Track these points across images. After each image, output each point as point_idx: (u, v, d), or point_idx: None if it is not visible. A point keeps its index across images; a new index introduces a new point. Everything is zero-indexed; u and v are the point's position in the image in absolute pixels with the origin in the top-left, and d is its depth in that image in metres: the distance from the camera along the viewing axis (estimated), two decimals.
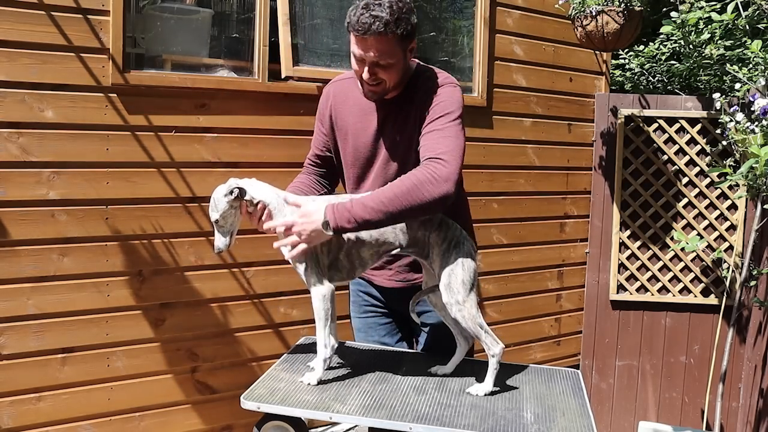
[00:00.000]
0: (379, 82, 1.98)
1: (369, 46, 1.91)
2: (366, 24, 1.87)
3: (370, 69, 1.95)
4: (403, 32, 1.92)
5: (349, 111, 2.13)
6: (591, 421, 1.81)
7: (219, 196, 1.90)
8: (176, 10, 2.95)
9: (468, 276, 1.90)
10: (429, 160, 1.86)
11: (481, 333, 1.90)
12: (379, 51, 1.91)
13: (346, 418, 1.76)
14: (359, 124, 2.11)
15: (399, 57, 1.95)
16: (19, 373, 2.53)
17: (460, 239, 1.93)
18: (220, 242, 1.94)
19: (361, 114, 2.11)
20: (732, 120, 3.19)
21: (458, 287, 1.88)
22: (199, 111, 2.82)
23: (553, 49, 3.86)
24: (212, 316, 2.90)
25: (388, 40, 1.89)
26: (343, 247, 1.92)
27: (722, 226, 3.90)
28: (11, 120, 2.46)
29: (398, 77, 2.00)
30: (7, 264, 2.49)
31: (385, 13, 1.87)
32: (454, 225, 1.95)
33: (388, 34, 1.88)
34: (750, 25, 3.59)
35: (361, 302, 2.33)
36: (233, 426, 2.98)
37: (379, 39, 1.89)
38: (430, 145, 1.91)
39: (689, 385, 3.99)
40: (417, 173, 1.84)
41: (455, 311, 1.89)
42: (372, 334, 2.34)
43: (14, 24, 2.44)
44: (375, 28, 1.87)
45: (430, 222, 1.93)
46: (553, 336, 4.01)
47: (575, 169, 4.00)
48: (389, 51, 1.91)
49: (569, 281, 4.04)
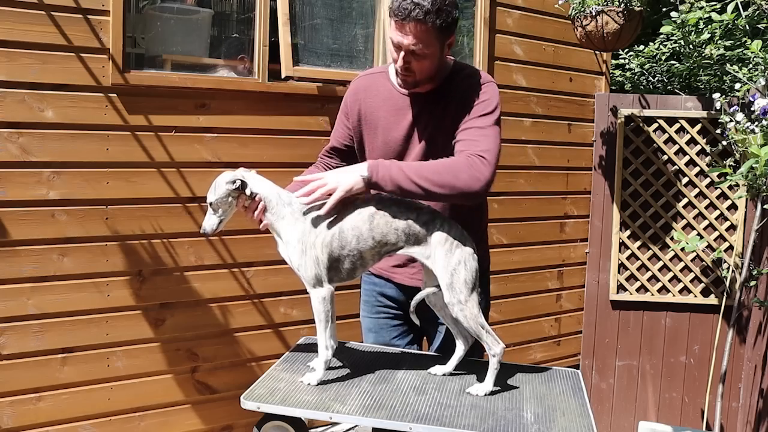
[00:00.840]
0: (410, 72, 1.98)
1: (407, 32, 1.91)
2: (406, 10, 1.88)
3: (405, 56, 1.95)
4: (443, 24, 1.92)
5: (379, 105, 2.12)
6: (591, 421, 1.81)
7: (221, 182, 1.92)
8: (176, 10, 2.95)
9: (470, 276, 1.90)
10: (471, 155, 1.89)
11: (483, 333, 1.90)
12: (416, 38, 1.91)
13: (346, 418, 1.76)
14: (391, 118, 2.10)
15: (435, 48, 1.95)
16: (19, 373, 2.53)
17: (462, 239, 1.93)
18: (208, 225, 1.95)
19: (394, 108, 2.10)
20: (732, 120, 3.19)
21: (460, 287, 1.88)
22: (199, 111, 2.82)
23: (553, 49, 3.86)
24: (212, 316, 2.90)
25: (427, 29, 1.90)
26: (345, 247, 1.92)
27: (722, 226, 3.90)
28: (11, 120, 2.46)
29: (431, 70, 2.00)
30: (7, 264, 2.49)
31: (428, 1, 1.88)
32: (456, 225, 1.96)
33: (427, 22, 1.89)
34: (750, 25, 3.59)
35: (374, 302, 2.32)
36: (233, 426, 2.98)
37: (417, 26, 1.89)
38: (470, 140, 1.94)
39: (689, 385, 3.99)
40: (459, 160, 1.88)
41: (457, 311, 1.89)
42: (383, 335, 2.33)
43: (14, 24, 2.44)
44: (414, 15, 1.87)
45: (432, 222, 1.93)
46: (553, 336, 4.01)
47: (575, 169, 4.00)
48: (426, 40, 1.92)
49: (569, 281, 4.04)
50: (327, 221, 1.92)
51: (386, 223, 1.91)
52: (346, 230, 1.91)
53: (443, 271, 1.90)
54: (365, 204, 1.93)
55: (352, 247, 1.92)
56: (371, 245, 1.92)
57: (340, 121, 2.24)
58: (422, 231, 1.93)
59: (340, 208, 1.92)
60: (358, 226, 1.91)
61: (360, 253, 1.93)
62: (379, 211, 1.92)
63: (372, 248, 1.93)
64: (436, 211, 1.95)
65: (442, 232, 1.92)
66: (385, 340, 2.33)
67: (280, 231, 1.95)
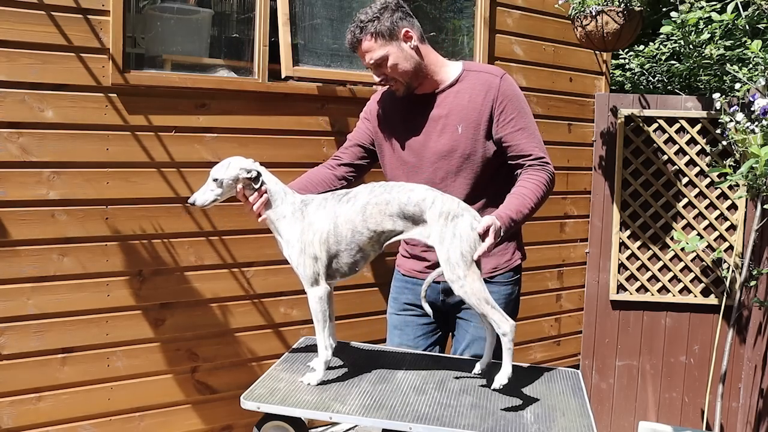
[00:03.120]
0: (391, 80, 2.13)
1: (363, 53, 2.10)
2: (351, 40, 2.11)
3: (376, 71, 2.12)
4: (381, 27, 2.08)
5: (399, 109, 2.23)
6: (591, 421, 1.81)
7: (236, 165, 1.92)
8: (176, 10, 2.96)
9: (467, 247, 1.80)
10: (539, 165, 2.12)
11: (488, 309, 1.81)
12: (369, 52, 2.09)
13: (346, 418, 1.76)
14: (401, 126, 2.22)
15: (390, 48, 2.09)
16: (19, 373, 2.53)
17: (459, 212, 1.85)
18: (201, 198, 1.93)
19: (402, 120, 2.22)
20: (732, 120, 3.19)
21: (457, 260, 1.80)
22: (199, 111, 2.82)
23: (553, 49, 3.86)
24: (212, 316, 2.90)
25: (369, 40, 2.08)
26: (341, 242, 1.91)
27: (722, 226, 3.90)
28: (11, 120, 2.46)
29: (406, 68, 2.11)
30: (7, 264, 2.49)
31: (357, 21, 2.09)
32: (451, 198, 1.89)
33: (366, 35, 2.07)
34: (750, 25, 3.59)
35: (403, 299, 2.33)
36: (233, 426, 2.98)
37: (362, 44, 2.08)
38: (524, 145, 2.13)
39: (689, 385, 3.99)
40: (543, 178, 2.09)
41: (457, 287, 1.81)
42: (408, 332, 2.33)
43: (14, 24, 2.44)
44: (357, 38, 2.08)
45: (425, 200, 1.87)
46: (553, 336, 4.01)
47: (575, 169, 4.00)
48: (376, 48, 2.08)
49: (569, 281, 4.04)
50: (322, 218, 1.91)
51: (379, 212, 1.88)
52: (341, 225, 1.89)
53: (439, 246, 1.83)
54: (355, 196, 1.91)
55: (349, 241, 1.90)
56: (368, 236, 1.90)
57: (362, 122, 2.34)
58: (417, 210, 1.87)
59: (334, 204, 1.92)
60: (352, 219, 1.89)
61: (358, 246, 1.91)
62: (371, 200, 1.90)
63: (369, 239, 1.90)
64: (429, 189, 1.91)
65: (435, 207, 1.86)
66: (410, 338, 2.33)
67: (280, 229, 1.95)
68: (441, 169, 2.15)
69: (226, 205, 2.85)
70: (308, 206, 1.94)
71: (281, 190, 1.94)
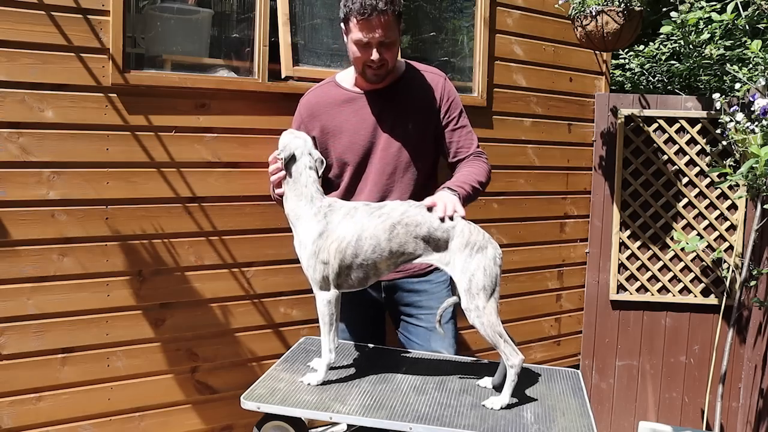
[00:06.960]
0: (383, 63, 2.15)
1: (374, 26, 2.06)
2: (371, 6, 2.03)
3: (379, 50, 2.11)
4: (400, 10, 2.12)
5: (338, 111, 2.26)
6: (591, 421, 1.81)
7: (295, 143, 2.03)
8: (176, 10, 2.95)
9: (489, 281, 1.84)
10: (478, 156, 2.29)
11: (500, 342, 1.83)
12: (383, 29, 2.07)
13: (346, 418, 1.76)
14: (354, 118, 2.24)
15: (398, 35, 2.16)
16: (19, 373, 2.53)
17: (484, 243, 1.88)
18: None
19: (354, 109, 2.24)
20: (732, 120, 3.19)
21: (478, 291, 1.83)
22: (199, 111, 2.82)
23: (553, 49, 3.86)
24: (212, 316, 2.90)
25: (390, 17, 2.07)
26: (359, 255, 1.88)
27: (722, 226, 3.90)
28: (11, 120, 2.46)
29: (396, 55, 2.18)
30: (7, 264, 2.49)
31: None
32: (477, 229, 1.91)
33: (388, 12, 2.06)
34: (750, 25, 3.59)
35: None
36: (233, 426, 2.98)
37: (381, 18, 2.05)
38: (464, 141, 2.30)
39: (689, 385, 3.99)
40: (483, 164, 2.26)
41: (473, 317, 1.83)
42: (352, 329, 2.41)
43: (14, 24, 2.43)
44: (380, 8, 2.03)
45: (453, 227, 1.89)
46: (553, 336, 4.01)
47: (575, 169, 4.00)
48: (392, 28, 2.09)
49: (569, 281, 4.04)
50: (346, 227, 1.89)
51: (407, 233, 1.86)
52: (364, 239, 1.86)
53: (461, 275, 1.85)
54: (388, 213, 1.89)
55: (367, 257, 1.87)
56: (387, 256, 1.87)
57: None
58: (444, 236, 1.88)
59: (363, 216, 1.91)
60: (377, 236, 1.86)
61: (375, 263, 1.88)
62: (403, 220, 1.88)
63: (388, 259, 1.88)
64: (460, 217, 1.93)
65: (463, 236, 1.87)
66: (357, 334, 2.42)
67: (296, 228, 1.94)
68: (390, 164, 2.20)
69: (226, 205, 2.87)
70: (334, 212, 1.91)
71: (310, 194, 1.93)
